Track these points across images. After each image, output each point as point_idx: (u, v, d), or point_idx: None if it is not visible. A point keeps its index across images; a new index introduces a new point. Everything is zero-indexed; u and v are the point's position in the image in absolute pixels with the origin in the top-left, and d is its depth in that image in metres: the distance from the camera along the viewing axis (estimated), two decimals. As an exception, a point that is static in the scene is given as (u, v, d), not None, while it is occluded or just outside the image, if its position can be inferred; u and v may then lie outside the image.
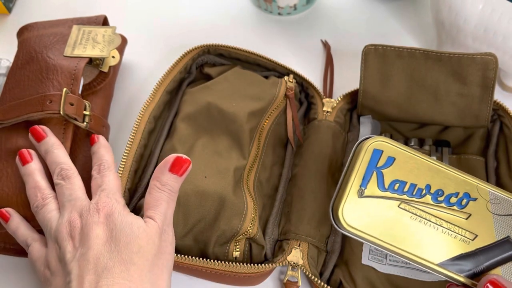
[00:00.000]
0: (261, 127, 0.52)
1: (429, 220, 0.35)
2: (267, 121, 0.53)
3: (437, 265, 0.34)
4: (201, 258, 0.43)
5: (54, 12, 0.66)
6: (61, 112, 0.46)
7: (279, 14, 0.65)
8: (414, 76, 0.50)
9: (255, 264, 0.43)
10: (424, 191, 0.35)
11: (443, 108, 0.50)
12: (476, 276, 0.34)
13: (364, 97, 0.52)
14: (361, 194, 0.35)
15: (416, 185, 0.36)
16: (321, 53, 0.62)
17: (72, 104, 0.47)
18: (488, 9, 0.51)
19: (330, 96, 0.57)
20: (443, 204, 0.35)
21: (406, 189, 0.35)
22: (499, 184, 0.49)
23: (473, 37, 0.54)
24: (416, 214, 0.35)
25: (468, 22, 0.52)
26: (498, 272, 0.34)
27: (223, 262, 0.43)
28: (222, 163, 0.48)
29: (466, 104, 0.50)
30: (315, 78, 0.59)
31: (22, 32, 0.55)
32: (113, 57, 0.55)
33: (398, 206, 0.35)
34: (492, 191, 0.36)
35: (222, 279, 0.45)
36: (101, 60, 0.54)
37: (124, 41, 0.59)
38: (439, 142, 0.52)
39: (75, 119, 0.47)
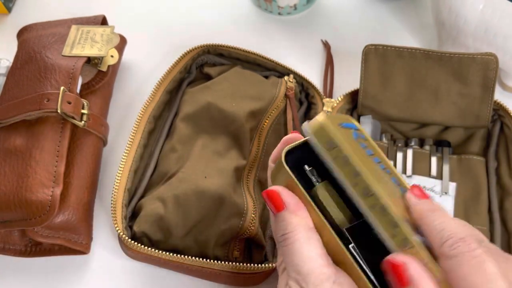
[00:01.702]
0: (261, 127, 0.52)
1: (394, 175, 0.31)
2: (267, 121, 0.52)
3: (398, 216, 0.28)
4: (201, 258, 0.43)
5: (53, 12, 0.66)
6: (59, 111, 0.46)
7: (279, 14, 0.65)
8: (415, 76, 0.50)
9: (255, 264, 0.43)
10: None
11: (443, 108, 0.50)
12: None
13: (364, 97, 0.52)
14: (341, 126, 0.31)
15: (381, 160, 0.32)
16: (321, 53, 0.62)
17: (69, 103, 0.47)
18: (489, 10, 0.51)
19: (330, 96, 0.57)
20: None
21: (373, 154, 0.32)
22: (499, 184, 0.49)
23: (473, 38, 0.53)
24: (382, 162, 0.31)
25: (468, 23, 0.52)
26: None
27: (223, 262, 0.43)
28: (222, 163, 0.48)
29: (466, 104, 0.50)
30: (315, 78, 0.59)
31: (22, 33, 0.55)
32: (111, 56, 0.55)
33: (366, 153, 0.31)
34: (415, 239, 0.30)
35: (222, 279, 0.45)
36: (100, 59, 0.53)
37: (123, 41, 0.58)
38: (439, 142, 0.52)
39: (73, 118, 0.47)
